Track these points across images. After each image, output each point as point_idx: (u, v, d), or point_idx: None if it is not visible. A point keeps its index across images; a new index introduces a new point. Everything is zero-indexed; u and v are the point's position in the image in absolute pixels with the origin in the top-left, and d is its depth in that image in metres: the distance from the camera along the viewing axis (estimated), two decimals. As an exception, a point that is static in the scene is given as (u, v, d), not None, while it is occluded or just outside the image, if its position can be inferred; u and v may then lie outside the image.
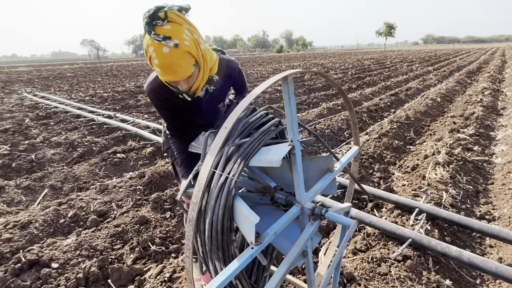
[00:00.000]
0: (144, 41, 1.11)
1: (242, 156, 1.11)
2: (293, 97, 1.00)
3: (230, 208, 1.04)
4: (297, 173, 1.04)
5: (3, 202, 2.72)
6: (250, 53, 77.76)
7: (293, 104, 1.01)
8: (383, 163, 3.27)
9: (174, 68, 1.10)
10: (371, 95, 7.32)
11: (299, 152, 1.04)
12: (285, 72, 0.95)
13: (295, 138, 1.02)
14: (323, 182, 1.18)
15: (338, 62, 19.68)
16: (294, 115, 1.02)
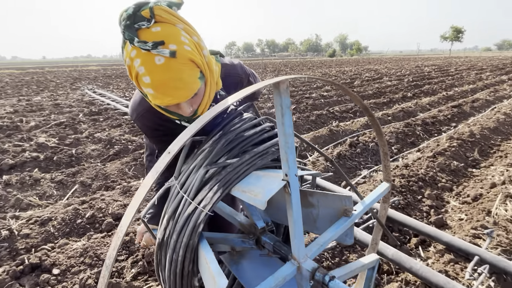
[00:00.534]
0: (125, 54, 0.79)
1: (221, 182, 0.86)
2: (288, 113, 0.70)
3: (194, 249, 0.81)
4: (293, 220, 0.76)
5: (36, 194, 2.82)
6: (301, 57, 76.96)
7: (287, 121, 0.71)
8: (436, 188, 2.76)
9: (174, 85, 0.78)
10: (429, 106, 6.53)
11: (297, 191, 0.76)
12: (277, 78, 0.68)
13: (290, 171, 0.74)
14: (334, 231, 0.88)
15: (394, 68, 18.33)
16: (291, 139, 0.73)
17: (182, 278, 0.82)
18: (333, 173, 3.01)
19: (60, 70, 24.49)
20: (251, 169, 0.93)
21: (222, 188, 0.87)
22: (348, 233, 0.96)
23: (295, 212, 0.77)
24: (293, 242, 0.78)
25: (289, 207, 0.77)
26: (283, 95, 0.69)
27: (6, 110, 6.78)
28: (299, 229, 0.78)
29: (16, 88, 11.73)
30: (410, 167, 3.08)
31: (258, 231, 0.94)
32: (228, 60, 1.17)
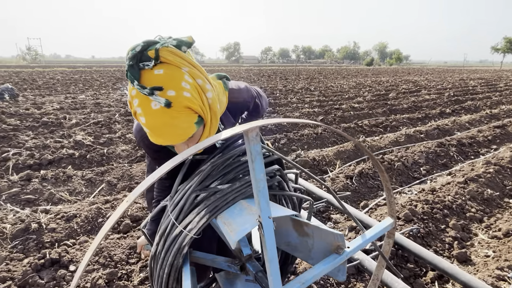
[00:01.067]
0: (128, 88, 0.82)
1: (209, 208, 0.88)
2: (259, 160, 0.69)
3: (177, 269, 0.84)
4: (268, 259, 0.75)
5: (67, 190, 3.04)
6: (337, 65, 75.57)
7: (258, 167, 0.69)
8: (463, 218, 2.57)
9: (168, 130, 0.80)
10: (468, 124, 6.10)
11: (271, 233, 0.75)
12: (245, 125, 0.65)
13: (263, 214, 0.73)
14: (320, 268, 0.86)
15: (435, 80, 17.36)
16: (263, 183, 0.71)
17: None
18: (350, 193, 2.92)
19: (106, 70, 26.17)
20: (240, 197, 0.95)
21: (208, 214, 0.89)
22: (341, 269, 0.94)
23: (270, 251, 0.76)
24: (269, 279, 0.77)
25: (264, 246, 0.77)
26: (252, 142, 0.68)
27: (53, 106, 7.39)
28: (275, 268, 0.77)
29: (65, 85, 12.73)
30: (437, 192, 2.90)
31: (243, 257, 0.95)
32: (235, 84, 1.19)
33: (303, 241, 1.01)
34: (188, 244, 0.85)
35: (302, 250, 1.04)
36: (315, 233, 0.97)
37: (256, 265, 0.95)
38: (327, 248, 0.95)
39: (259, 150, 0.68)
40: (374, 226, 1.08)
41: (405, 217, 2.38)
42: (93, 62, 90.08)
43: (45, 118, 5.84)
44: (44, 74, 19.08)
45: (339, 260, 0.90)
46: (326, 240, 0.94)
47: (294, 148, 4.48)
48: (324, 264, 0.88)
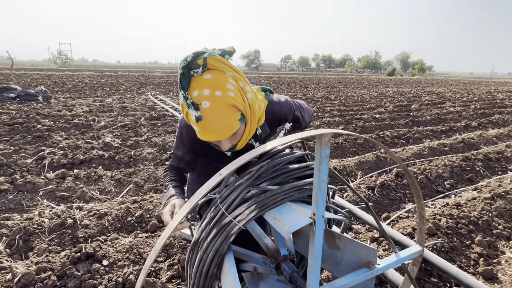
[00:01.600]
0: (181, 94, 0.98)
1: (258, 204, 0.96)
2: (326, 162, 0.79)
3: (222, 255, 0.91)
4: (313, 257, 0.82)
5: (98, 189, 3.21)
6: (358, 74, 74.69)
7: (324, 169, 0.80)
8: (490, 235, 2.51)
9: (215, 126, 0.94)
10: (496, 139, 5.91)
11: (321, 232, 0.82)
12: (321, 130, 0.76)
13: (318, 212, 0.81)
14: (352, 278, 0.91)
15: (460, 92, 16.87)
16: (324, 184, 0.80)
17: (206, 278, 0.93)
18: (372, 204, 2.92)
19: (130, 75, 27.17)
20: (287, 199, 1.02)
21: (258, 209, 0.97)
22: (368, 285, 0.98)
23: (316, 249, 0.83)
24: (309, 276, 0.83)
25: (311, 243, 0.84)
26: (324, 146, 0.78)
27: (83, 109, 7.78)
28: (316, 266, 0.83)
29: (93, 89, 13.34)
30: (462, 207, 2.84)
31: (280, 257, 1.02)
32: (276, 97, 1.30)
33: (332, 254, 1.06)
34: (236, 233, 0.93)
35: (330, 262, 1.09)
36: (347, 247, 1.02)
37: (291, 266, 1.01)
38: (356, 262, 1.00)
39: (327, 154, 0.76)
40: (404, 250, 1.11)
41: (429, 230, 2.36)
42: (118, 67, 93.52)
43: (76, 120, 6.16)
44: (74, 78, 20.05)
45: (369, 274, 0.94)
46: (357, 254, 0.99)
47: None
48: (356, 275, 0.93)
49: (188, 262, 0.99)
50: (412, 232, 2.39)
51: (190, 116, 0.95)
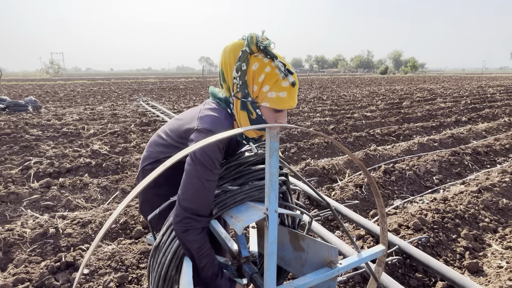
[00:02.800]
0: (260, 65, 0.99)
1: (218, 204, 0.94)
2: (276, 155, 0.78)
3: (179, 257, 0.89)
4: (268, 253, 0.80)
5: (83, 197, 3.17)
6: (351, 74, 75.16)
7: (274, 162, 0.78)
8: (476, 228, 2.51)
9: (296, 91, 1.04)
10: (485, 133, 5.95)
11: (274, 226, 0.80)
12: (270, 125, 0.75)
13: (270, 206, 0.79)
14: (313, 277, 0.90)
15: (452, 88, 17.01)
16: (275, 177, 0.79)
17: (164, 281, 0.91)
18: (359, 201, 2.91)
19: (123, 82, 27.07)
20: (247, 199, 1.00)
21: (217, 209, 0.95)
22: (331, 286, 0.97)
23: (271, 245, 0.81)
24: (265, 275, 0.82)
25: (266, 239, 0.82)
26: (273, 139, 0.77)
27: (73, 117, 7.71)
28: (272, 264, 0.81)
29: (84, 97, 13.26)
30: (449, 201, 2.85)
31: (241, 259, 1.00)
32: None
33: (297, 256, 1.05)
34: None
35: (295, 264, 1.07)
36: (310, 247, 1.01)
37: (252, 267, 0.99)
38: (320, 263, 0.98)
39: (277, 147, 0.75)
40: (369, 249, 1.10)
41: (414, 226, 2.35)
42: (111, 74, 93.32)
43: (65, 128, 6.10)
44: (66, 87, 19.92)
45: (331, 274, 0.93)
46: (320, 254, 0.98)
47: (304, 157, 4.50)
48: (316, 274, 0.91)
49: (149, 267, 0.97)
50: (398, 229, 2.38)
51: (282, 83, 0.98)
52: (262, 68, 0.97)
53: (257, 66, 0.97)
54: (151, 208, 1.15)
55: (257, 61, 0.98)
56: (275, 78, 0.97)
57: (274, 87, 0.97)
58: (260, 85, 0.97)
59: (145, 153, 1.29)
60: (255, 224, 1.19)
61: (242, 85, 0.99)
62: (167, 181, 1.22)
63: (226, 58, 1.03)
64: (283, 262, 1.09)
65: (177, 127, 1.16)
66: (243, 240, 1.03)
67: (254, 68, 0.97)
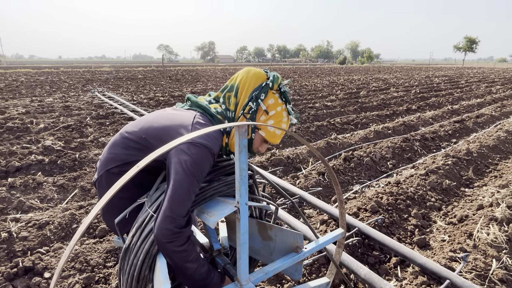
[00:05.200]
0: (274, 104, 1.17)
1: None
2: (244, 151, 0.82)
3: (152, 256, 0.91)
4: (240, 244, 0.85)
5: (38, 197, 2.96)
6: (312, 63, 77.00)
7: (243, 158, 0.82)
8: (424, 208, 2.79)
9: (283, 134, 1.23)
10: (432, 120, 6.51)
11: (245, 218, 0.85)
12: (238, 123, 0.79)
13: (241, 200, 0.83)
14: (281, 263, 0.96)
15: (404, 78, 18.23)
16: (244, 172, 0.83)
17: (138, 281, 0.92)
18: (322, 188, 3.07)
19: (74, 71, 25.10)
20: (216, 195, 1.03)
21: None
22: (297, 269, 1.04)
23: (242, 236, 0.85)
24: (238, 264, 0.86)
25: (238, 231, 0.86)
26: (241, 136, 0.80)
27: (18, 111, 7.04)
28: (244, 253, 0.86)
29: (30, 88, 12.11)
30: (401, 184, 3.12)
31: (214, 252, 1.03)
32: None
33: (265, 245, 1.10)
34: None
35: (264, 253, 1.13)
36: (278, 235, 1.07)
37: (224, 259, 1.03)
38: (287, 249, 1.05)
39: (245, 144, 0.78)
40: (327, 234, 1.19)
41: (372, 208, 2.55)
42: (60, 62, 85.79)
43: (10, 123, 5.57)
44: (6, 76, 18.01)
45: (297, 258, 1.00)
46: (287, 241, 1.04)
47: (269, 147, 4.59)
48: (284, 260, 0.98)
49: (120, 270, 0.97)
50: (357, 212, 2.56)
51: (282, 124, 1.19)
52: (275, 106, 1.16)
53: (272, 102, 1.16)
54: (117, 212, 1.12)
55: (274, 98, 1.16)
56: (280, 118, 1.17)
57: (276, 124, 1.16)
58: (269, 118, 1.15)
59: (108, 155, 1.20)
60: (224, 218, 1.23)
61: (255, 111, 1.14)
62: (135, 184, 1.19)
63: (247, 79, 1.17)
64: (252, 252, 1.14)
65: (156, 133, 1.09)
66: (213, 234, 1.06)
67: (270, 102, 1.16)
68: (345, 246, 2.09)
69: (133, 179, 1.11)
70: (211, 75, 21.31)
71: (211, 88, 12.36)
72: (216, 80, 17.11)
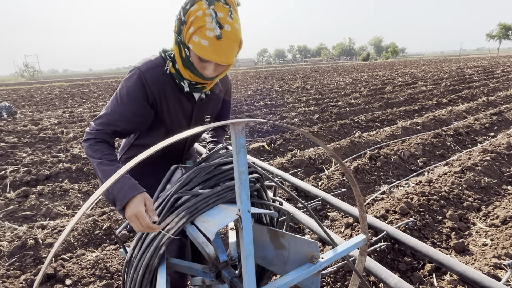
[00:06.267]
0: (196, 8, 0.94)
1: (189, 210, 0.89)
2: (243, 152, 0.73)
3: (152, 271, 0.84)
4: (244, 256, 0.76)
5: (64, 204, 3.05)
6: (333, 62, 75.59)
7: (242, 159, 0.73)
8: (460, 208, 2.55)
9: (225, 50, 0.97)
10: (465, 113, 6.08)
11: (249, 227, 0.76)
12: (235, 120, 0.70)
13: (243, 207, 0.74)
14: (295, 275, 0.86)
15: (432, 71, 17.33)
16: (244, 176, 0.74)
17: None
18: (346, 189, 2.91)
19: (103, 82, 26.32)
20: (220, 201, 0.95)
21: (188, 215, 0.90)
22: (314, 281, 0.93)
23: (247, 247, 0.77)
24: (244, 278, 0.77)
25: (241, 241, 0.77)
26: (238, 135, 0.72)
27: (51, 121, 7.43)
28: (250, 267, 0.77)
29: (63, 100, 12.81)
30: (434, 183, 2.88)
31: (220, 264, 0.95)
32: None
33: (278, 254, 1.01)
34: (166, 244, 0.86)
35: (277, 263, 1.03)
36: (291, 244, 0.97)
37: (231, 272, 0.95)
38: (301, 259, 0.94)
39: (243, 143, 0.70)
40: (348, 240, 1.07)
41: (401, 210, 2.37)
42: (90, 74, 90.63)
43: (43, 133, 5.87)
44: (42, 90, 19.21)
45: (313, 269, 0.89)
46: (301, 250, 0.94)
47: (291, 148, 4.47)
48: (298, 272, 0.88)
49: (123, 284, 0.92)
50: (385, 214, 2.39)
51: (206, 31, 0.94)
52: (197, 10, 0.95)
53: (195, 8, 0.95)
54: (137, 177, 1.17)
55: (198, 5, 0.95)
56: (201, 23, 0.94)
57: (198, 32, 0.95)
58: (189, 25, 0.96)
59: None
60: (234, 225, 1.15)
61: (179, 21, 0.99)
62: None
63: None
64: (265, 262, 1.05)
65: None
66: (220, 244, 0.99)
67: (192, 9, 0.95)
68: (373, 252, 1.94)
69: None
70: (231, 79, 21.47)
71: (232, 92, 12.40)
72: (237, 83, 17.18)
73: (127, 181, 0.94)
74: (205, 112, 1.27)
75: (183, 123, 1.22)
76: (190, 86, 1.10)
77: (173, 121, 1.18)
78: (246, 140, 4.81)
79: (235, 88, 13.89)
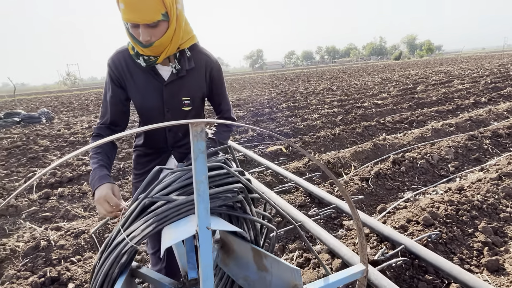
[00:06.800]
0: None
1: (158, 217, 0.81)
2: (201, 158, 0.63)
3: (111, 281, 0.76)
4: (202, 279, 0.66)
5: (82, 206, 3.13)
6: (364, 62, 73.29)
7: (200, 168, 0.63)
8: (496, 220, 2.26)
9: (139, 5, 0.94)
10: (507, 113, 5.52)
11: (208, 246, 0.66)
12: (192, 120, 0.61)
13: (200, 223, 0.64)
14: None
15: (471, 69, 16.16)
16: (203, 186, 0.64)
17: None
18: (363, 196, 2.70)
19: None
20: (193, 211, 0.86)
21: (156, 223, 0.82)
22: None
23: (204, 269, 0.66)
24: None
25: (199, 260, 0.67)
26: (196, 138, 0.62)
27: (83, 126, 7.82)
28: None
29: (97, 105, 13.51)
30: (465, 191, 2.59)
31: (188, 282, 0.86)
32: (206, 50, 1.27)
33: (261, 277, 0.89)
34: (129, 253, 0.78)
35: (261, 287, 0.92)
36: (274, 267, 0.85)
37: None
38: (284, 286, 0.82)
39: (202, 148, 0.61)
40: (343, 270, 0.92)
41: (425, 221, 2.13)
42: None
43: (73, 137, 6.17)
44: (80, 96, 20.46)
45: None
46: (283, 276, 0.82)
47: (310, 151, 4.30)
48: None
49: None
50: (406, 225, 2.17)
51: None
52: None
53: None
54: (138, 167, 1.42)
55: None
56: None
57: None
58: None
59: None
60: (219, 237, 1.05)
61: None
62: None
63: None
64: (246, 283, 0.93)
65: None
66: (191, 259, 0.90)
67: None
68: (388, 268, 1.75)
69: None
70: (257, 82, 21.49)
71: (256, 95, 12.37)
72: (263, 86, 17.16)
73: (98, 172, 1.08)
74: (180, 93, 1.21)
75: (156, 104, 1.20)
76: (146, 62, 1.11)
77: (144, 100, 1.20)
78: (264, 143, 4.70)
79: (260, 91, 13.85)
